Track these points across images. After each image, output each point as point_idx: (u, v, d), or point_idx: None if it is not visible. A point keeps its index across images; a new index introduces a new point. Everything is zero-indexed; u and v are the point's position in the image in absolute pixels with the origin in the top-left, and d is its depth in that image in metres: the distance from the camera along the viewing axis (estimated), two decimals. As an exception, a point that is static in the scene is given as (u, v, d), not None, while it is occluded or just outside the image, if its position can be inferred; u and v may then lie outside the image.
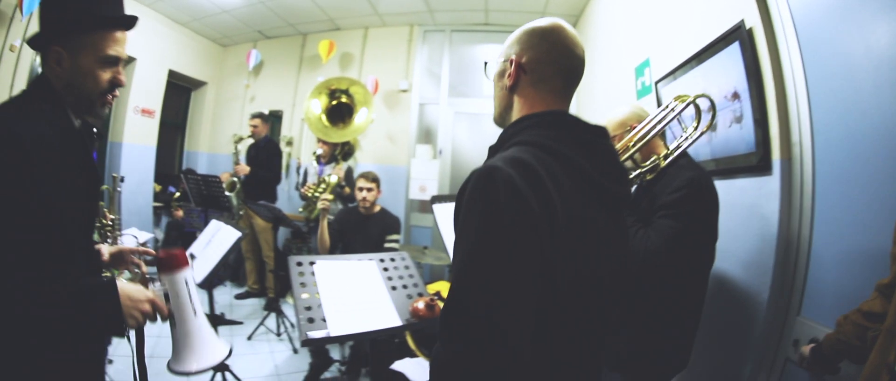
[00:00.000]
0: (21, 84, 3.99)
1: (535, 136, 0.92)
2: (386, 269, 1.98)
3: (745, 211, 1.98)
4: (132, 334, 1.19)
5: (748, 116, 1.92)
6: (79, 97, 1.16)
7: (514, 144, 0.93)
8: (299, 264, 1.83)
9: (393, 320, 1.74)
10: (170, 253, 1.23)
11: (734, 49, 1.96)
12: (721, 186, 1.95)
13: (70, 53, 1.12)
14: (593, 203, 0.92)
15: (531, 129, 0.95)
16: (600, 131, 1.00)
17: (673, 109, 1.74)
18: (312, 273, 1.80)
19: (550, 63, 0.99)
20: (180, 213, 5.62)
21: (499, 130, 1.05)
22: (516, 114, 1.02)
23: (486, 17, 5.23)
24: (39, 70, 1.21)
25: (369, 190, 3.52)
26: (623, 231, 1.04)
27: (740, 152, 1.99)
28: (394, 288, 1.89)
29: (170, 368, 1.21)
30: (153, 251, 1.41)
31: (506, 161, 0.83)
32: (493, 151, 1.01)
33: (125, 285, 1.08)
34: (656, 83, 2.71)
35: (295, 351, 3.72)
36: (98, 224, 2.42)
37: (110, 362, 2.61)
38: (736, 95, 1.99)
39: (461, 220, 0.85)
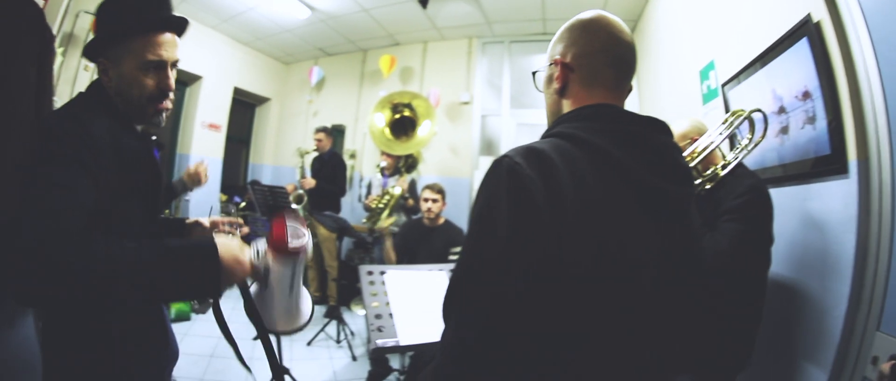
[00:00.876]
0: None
1: (568, 128, 0.89)
2: None
3: (821, 217, 1.86)
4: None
5: (821, 115, 1.81)
6: (128, 105, 1.16)
7: (547, 136, 0.91)
8: (370, 273, 1.86)
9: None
10: (292, 248, 1.15)
11: (802, 46, 1.86)
12: (793, 191, 1.87)
13: (113, 62, 1.14)
14: (624, 196, 0.85)
15: (567, 122, 0.91)
16: (657, 125, 0.93)
17: (731, 124, 1.86)
18: (383, 282, 1.83)
19: (597, 53, 0.93)
20: (246, 229, 5.90)
21: None
22: None
23: (544, 27, 5.22)
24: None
25: (434, 201, 3.58)
26: (674, 229, 0.93)
27: (813, 155, 1.88)
28: None
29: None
30: (241, 221, 1.39)
31: (517, 151, 0.83)
32: None
33: (226, 241, 1.03)
34: (723, 86, 2.60)
35: (354, 358, 3.80)
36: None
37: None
38: (807, 95, 1.88)
39: (476, 210, 0.84)
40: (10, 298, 0.92)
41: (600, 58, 0.94)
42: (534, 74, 1.12)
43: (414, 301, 1.80)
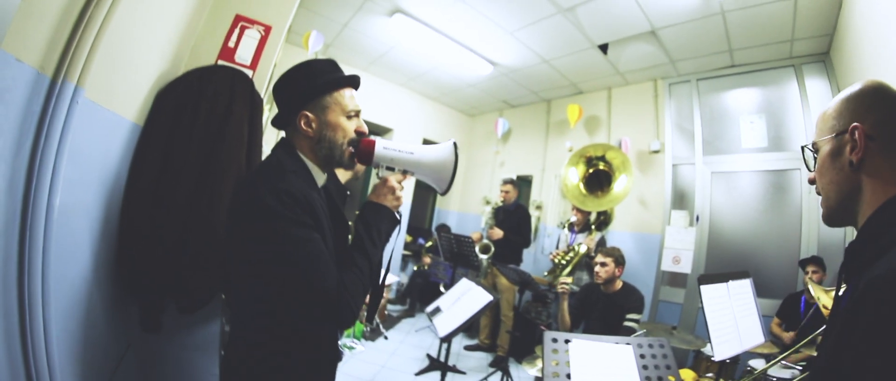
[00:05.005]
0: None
1: None
2: (642, 356, 1.88)
3: None
4: None
5: None
6: (331, 148, 1.38)
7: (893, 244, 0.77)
8: (555, 340, 1.89)
9: (642, 411, 1.69)
10: (360, 151, 1.42)
11: None
12: None
13: (317, 114, 1.36)
14: None
15: None
16: None
17: None
18: (567, 351, 1.86)
19: None
20: (428, 260, 6.36)
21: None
22: (873, 197, 0.86)
23: (731, 58, 4.78)
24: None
25: (603, 265, 3.50)
26: None
27: None
28: (648, 378, 1.78)
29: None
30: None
31: None
32: (857, 253, 0.86)
33: (371, 197, 1.42)
34: None
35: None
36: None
37: None
38: None
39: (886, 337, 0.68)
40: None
41: None
42: (803, 149, 1.03)
43: (596, 372, 1.79)
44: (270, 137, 4.83)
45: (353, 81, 1.45)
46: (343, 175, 2.18)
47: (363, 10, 4.75)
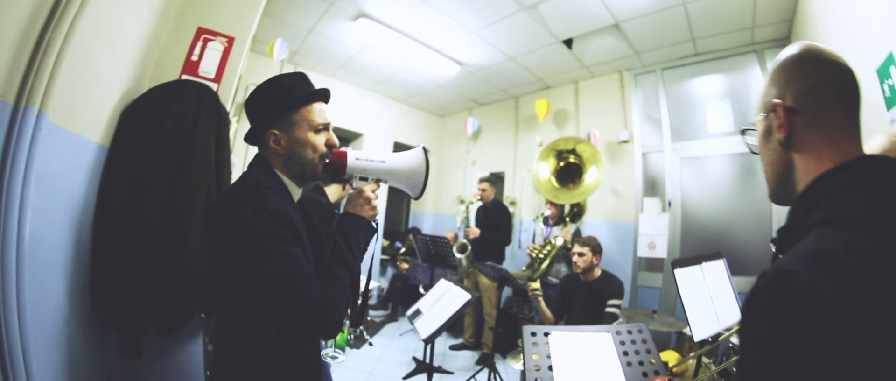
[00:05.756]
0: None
1: (844, 207, 0.70)
2: (622, 342, 1.92)
3: None
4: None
5: None
6: (302, 164, 1.39)
7: (813, 226, 0.72)
8: (534, 334, 1.90)
9: (627, 397, 1.73)
10: (332, 163, 1.43)
11: None
12: None
13: (285, 132, 1.36)
14: None
15: (833, 196, 0.74)
16: None
17: None
18: (547, 344, 1.87)
19: (822, 85, 0.81)
20: (405, 266, 6.37)
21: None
22: (803, 178, 0.82)
23: (695, 47, 4.90)
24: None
25: (581, 255, 3.57)
26: None
27: None
28: (629, 364, 1.82)
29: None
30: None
31: (804, 260, 0.63)
32: (783, 238, 0.81)
33: (348, 208, 1.44)
34: None
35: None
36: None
37: None
38: None
39: (751, 338, 0.68)
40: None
41: (827, 90, 0.81)
42: (743, 132, 0.99)
43: (577, 362, 1.82)
44: (240, 149, 4.82)
45: (322, 95, 1.45)
46: (333, 193, 2.19)
47: (327, 16, 4.72)
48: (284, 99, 1.37)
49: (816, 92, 0.81)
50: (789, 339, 0.60)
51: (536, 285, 3.71)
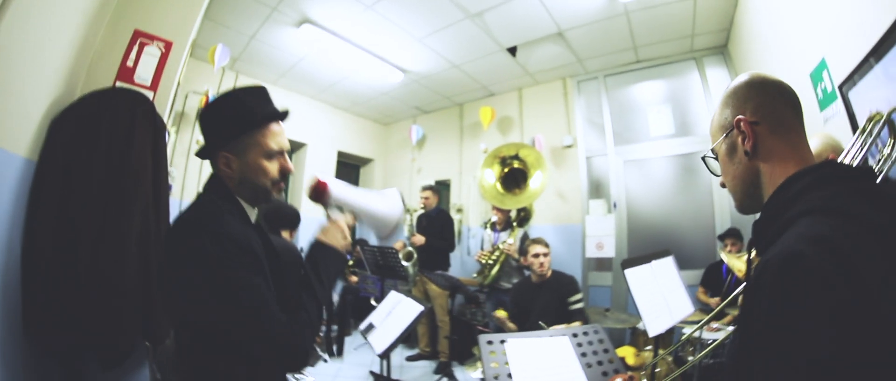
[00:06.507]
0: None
1: (825, 199, 0.76)
2: (580, 344, 1.92)
3: None
4: None
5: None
6: (254, 190, 1.30)
7: (800, 216, 0.76)
8: (490, 342, 1.86)
9: (590, 399, 1.72)
10: (315, 188, 1.46)
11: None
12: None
13: (237, 155, 1.26)
14: None
15: (812, 190, 0.79)
16: (870, 173, 0.83)
17: (870, 133, 1.58)
18: (504, 352, 1.83)
19: (775, 97, 0.92)
20: (354, 279, 6.22)
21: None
22: (769, 182, 0.89)
23: (636, 55, 5.11)
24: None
25: (545, 255, 3.59)
26: None
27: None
28: (589, 365, 1.82)
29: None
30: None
31: (805, 242, 0.68)
32: (761, 230, 0.87)
33: (320, 237, 1.43)
34: (840, 87, 2.30)
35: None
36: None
37: None
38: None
39: (768, 318, 0.68)
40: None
41: (780, 101, 0.92)
42: (704, 159, 1.07)
43: (536, 367, 1.80)
44: (179, 161, 4.56)
45: (278, 116, 1.35)
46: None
47: (270, 21, 4.56)
48: (237, 121, 1.27)
49: (771, 104, 0.92)
50: (808, 313, 0.63)
51: (503, 313, 3.70)
